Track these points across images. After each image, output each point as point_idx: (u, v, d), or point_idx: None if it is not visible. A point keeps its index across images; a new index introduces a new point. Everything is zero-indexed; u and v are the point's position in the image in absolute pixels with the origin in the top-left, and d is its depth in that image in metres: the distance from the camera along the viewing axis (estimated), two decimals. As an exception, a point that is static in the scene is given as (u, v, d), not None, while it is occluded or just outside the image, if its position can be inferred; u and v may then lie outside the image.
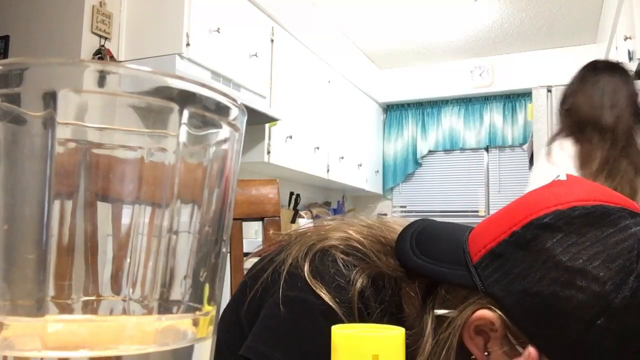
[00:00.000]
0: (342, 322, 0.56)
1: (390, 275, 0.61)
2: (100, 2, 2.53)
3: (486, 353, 0.54)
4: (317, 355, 0.57)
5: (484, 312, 0.52)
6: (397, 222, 0.69)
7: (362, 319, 0.57)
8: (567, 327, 0.47)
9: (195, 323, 0.25)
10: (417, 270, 0.58)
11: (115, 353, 0.22)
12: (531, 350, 0.50)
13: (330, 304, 0.57)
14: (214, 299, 0.26)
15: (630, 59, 2.94)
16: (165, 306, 0.24)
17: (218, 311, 0.27)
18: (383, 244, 0.64)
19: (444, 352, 0.54)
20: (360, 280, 0.59)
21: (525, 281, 0.49)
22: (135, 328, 0.24)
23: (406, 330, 0.44)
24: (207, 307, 0.26)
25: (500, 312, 0.51)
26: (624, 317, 0.46)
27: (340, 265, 0.60)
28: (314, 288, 0.58)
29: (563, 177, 0.57)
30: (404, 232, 0.62)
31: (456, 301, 0.55)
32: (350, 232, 0.65)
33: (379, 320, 0.58)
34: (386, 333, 0.38)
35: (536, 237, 0.50)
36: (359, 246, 0.63)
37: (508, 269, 0.51)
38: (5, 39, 2.63)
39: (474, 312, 0.53)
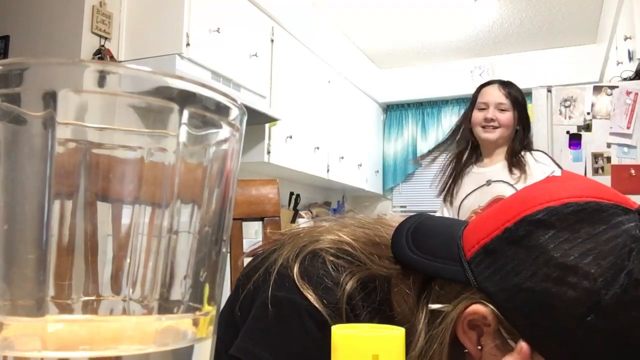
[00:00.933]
0: (328, 323, 0.56)
1: (382, 276, 0.61)
2: (100, 2, 2.53)
3: (479, 347, 0.54)
4: (304, 355, 0.57)
5: (477, 307, 0.52)
6: (394, 219, 0.69)
7: (349, 322, 0.57)
8: (558, 323, 0.48)
9: (195, 323, 0.25)
10: (411, 265, 0.58)
11: (115, 353, 0.22)
12: (523, 345, 0.50)
13: (317, 305, 0.58)
14: (214, 299, 0.26)
15: (630, 59, 2.94)
16: (165, 306, 0.24)
17: (218, 311, 0.27)
18: (377, 243, 0.64)
19: (435, 346, 0.54)
20: (349, 283, 0.59)
21: (518, 277, 0.50)
22: (135, 328, 0.24)
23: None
24: (207, 307, 0.26)
25: (492, 307, 0.51)
26: (614, 313, 0.46)
27: (330, 267, 0.61)
28: (302, 289, 0.59)
29: (558, 173, 0.56)
30: (400, 227, 0.62)
31: (450, 296, 0.55)
32: (342, 235, 0.65)
33: (368, 322, 0.58)
34: (386, 333, 0.38)
35: (529, 233, 0.50)
36: (350, 249, 0.63)
37: (501, 264, 0.51)
38: (5, 39, 2.63)
39: (467, 307, 0.53)
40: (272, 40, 3.33)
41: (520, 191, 0.56)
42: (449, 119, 5.11)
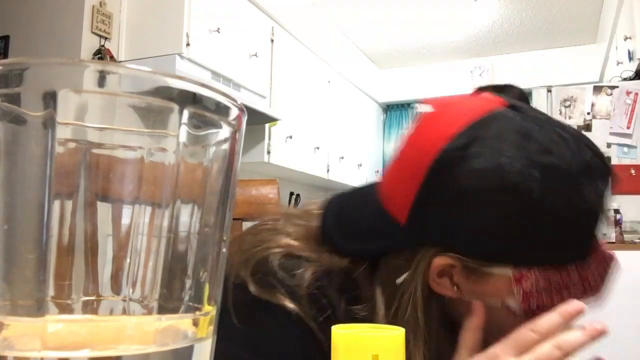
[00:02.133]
0: (301, 320, 0.57)
1: (336, 266, 0.61)
2: (100, 2, 2.53)
3: (456, 288, 0.55)
4: (284, 355, 0.58)
5: (436, 260, 0.54)
6: (318, 203, 0.68)
7: (321, 311, 0.57)
8: (501, 225, 0.51)
9: (195, 323, 0.25)
10: (356, 255, 0.59)
11: (115, 353, 0.22)
12: (505, 269, 0.52)
13: (288, 304, 0.58)
14: (214, 299, 0.26)
15: (630, 59, 2.94)
16: (165, 306, 0.24)
17: (218, 311, 0.27)
18: (318, 240, 0.63)
19: (409, 312, 0.55)
20: (308, 279, 0.59)
21: (452, 217, 0.52)
22: (135, 328, 0.24)
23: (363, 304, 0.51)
24: (207, 307, 0.26)
25: (450, 254, 0.53)
26: (537, 190, 0.49)
27: (283, 269, 0.60)
28: (264, 296, 0.58)
29: (428, 108, 0.57)
30: (323, 224, 0.62)
31: (406, 263, 0.56)
32: (287, 239, 0.64)
33: (338, 307, 0.58)
34: (386, 333, 0.38)
35: (441, 179, 0.52)
36: (298, 251, 0.62)
37: (433, 217, 0.53)
38: (5, 39, 2.63)
39: (428, 264, 0.55)
40: (272, 40, 3.33)
41: (407, 140, 0.57)
42: (449, 119, 5.11)
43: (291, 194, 4.08)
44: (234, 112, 0.26)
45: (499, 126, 0.52)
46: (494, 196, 0.50)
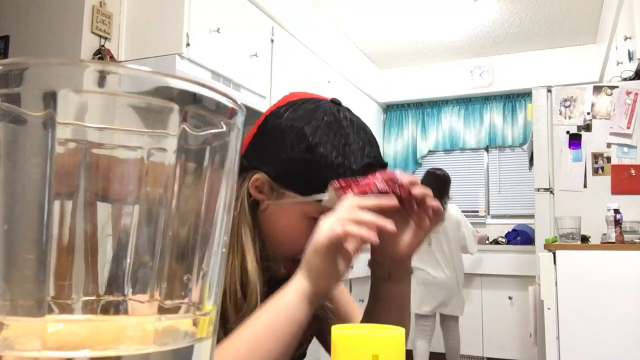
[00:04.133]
0: None
1: None
2: (100, 2, 2.53)
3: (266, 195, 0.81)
4: None
5: (255, 175, 0.80)
6: None
7: None
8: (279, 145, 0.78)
9: (195, 323, 0.25)
10: None
11: (115, 353, 0.22)
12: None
13: None
14: (214, 299, 0.26)
15: (630, 59, 2.94)
16: (165, 306, 0.24)
17: (218, 311, 0.27)
18: None
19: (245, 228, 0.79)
20: None
21: (268, 151, 0.81)
22: (135, 328, 0.24)
23: None
24: (207, 307, 0.26)
25: (261, 172, 0.80)
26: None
27: None
28: None
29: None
30: None
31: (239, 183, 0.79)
32: None
33: None
34: (386, 333, 0.38)
35: (263, 126, 0.82)
36: None
37: (257, 149, 0.82)
38: (5, 39, 2.63)
39: (250, 178, 0.80)
40: (272, 40, 3.33)
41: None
42: (449, 119, 5.11)
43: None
44: (234, 112, 0.26)
45: (301, 106, 0.81)
46: (288, 141, 0.77)
